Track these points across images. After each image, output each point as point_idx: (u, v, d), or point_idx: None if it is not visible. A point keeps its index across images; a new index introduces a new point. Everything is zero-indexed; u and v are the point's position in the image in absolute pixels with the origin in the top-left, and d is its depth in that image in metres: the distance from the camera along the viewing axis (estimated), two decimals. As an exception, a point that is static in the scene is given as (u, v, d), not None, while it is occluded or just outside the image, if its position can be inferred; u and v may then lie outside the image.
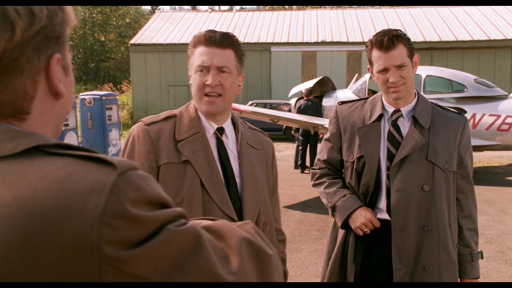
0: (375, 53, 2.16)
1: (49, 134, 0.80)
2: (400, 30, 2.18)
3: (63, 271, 0.65)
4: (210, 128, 1.79)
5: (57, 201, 0.65)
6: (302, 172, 10.76)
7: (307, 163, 11.01)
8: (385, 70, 2.15)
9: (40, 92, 0.76)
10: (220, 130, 1.81)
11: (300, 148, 10.88)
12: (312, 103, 11.06)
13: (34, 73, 0.74)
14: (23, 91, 0.74)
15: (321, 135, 10.87)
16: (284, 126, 13.26)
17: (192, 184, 1.67)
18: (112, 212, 0.66)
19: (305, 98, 11.21)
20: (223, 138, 1.81)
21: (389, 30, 2.15)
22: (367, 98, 2.36)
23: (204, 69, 1.72)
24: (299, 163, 10.94)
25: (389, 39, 2.11)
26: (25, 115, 0.76)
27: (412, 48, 2.18)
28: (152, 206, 0.71)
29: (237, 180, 1.77)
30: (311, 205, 7.69)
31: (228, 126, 1.84)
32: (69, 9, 0.80)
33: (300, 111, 10.76)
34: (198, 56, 1.73)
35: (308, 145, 10.87)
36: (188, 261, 0.71)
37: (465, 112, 2.48)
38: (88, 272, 0.65)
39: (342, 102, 2.41)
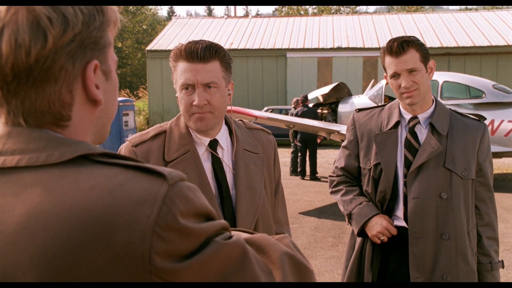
0: (387, 59, 2.17)
1: (90, 141, 0.80)
2: (414, 37, 2.17)
3: (111, 280, 0.65)
4: (199, 145, 1.69)
5: (109, 211, 0.65)
6: (302, 178, 10.63)
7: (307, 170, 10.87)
8: (396, 75, 2.16)
9: (78, 99, 0.75)
10: (214, 144, 1.71)
11: (299, 154, 10.73)
12: (309, 109, 10.89)
13: (68, 81, 0.73)
14: (60, 100, 0.73)
15: (319, 140, 10.78)
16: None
17: None
18: (164, 224, 0.66)
19: (301, 104, 11.03)
20: (218, 150, 1.72)
21: (401, 36, 2.16)
22: (384, 105, 2.35)
23: (189, 87, 1.61)
24: (298, 170, 10.78)
25: (399, 44, 2.12)
26: (65, 121, 0.75)
27: (426, 53, 2.16)
28: (200, 217, 0.71)
29: (232, 192, 1.69)
30: (327, 212, 7.64)
31: (222, 135, 1.73)
32: (111, 10, 0.78)
33: (297, 117, 10.60)
34: (181, 73, 1.61)
35: (308, 151, 10.72)
36: (234, 275, 0.71)
37: (485, 119, 2.44)
38: (137, 281, 0.65)
39: (360, 109, 2.41)
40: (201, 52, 1.59)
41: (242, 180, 1.70)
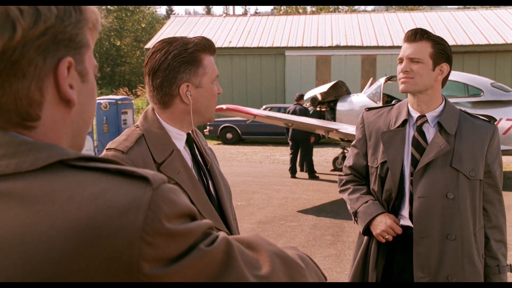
0: (402, 46, 2.18)
1: (65, 146, 0.74)
2: (440, 37, 2.15)
3: None
4: (179, 140, 1.69)
5: (92, 220, 0.62)
6: (293, 177, 10.55)
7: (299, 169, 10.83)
8: (401, 61, 2.16)
9: (49, 98, 0.70)
10: (189, 138, 1.74)
11: (290, 153, 10.71)
12: (300, 108, 10.82)
13: (39, 77, 0.68)
14: (28, 97, 0.68)
15: (312, 140, 10.75)
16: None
17: None
18: (151, 229, 0.64)
19: (295, 102, 11.04)
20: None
21: (421, 28, 2.16)
22: (393, 104, 2.34)
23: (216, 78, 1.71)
24: (289, 168, 10.75)
25: (414, 32, 2.13)
26: (33, 122, 0.70)
27: (441, 54, 2.14)
28: (183, 218, 0.70)
29: (210, 182, 1.74)
30: (325, 210, 7.64)
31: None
32: (90, 10, 0.74)
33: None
34: (211, 65, 1.67)
35: (300, 151, 10.66)
36: (220, 276, 0.70)
37: (495, 120, 2.41)
38: None
39: (369, 108, 2.39)
40: (214, 46, 1.71)
41: (215, 170, 1.78)
